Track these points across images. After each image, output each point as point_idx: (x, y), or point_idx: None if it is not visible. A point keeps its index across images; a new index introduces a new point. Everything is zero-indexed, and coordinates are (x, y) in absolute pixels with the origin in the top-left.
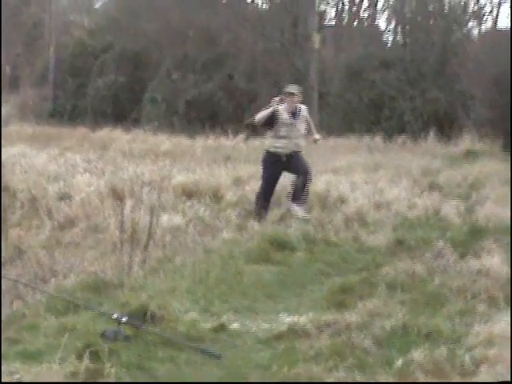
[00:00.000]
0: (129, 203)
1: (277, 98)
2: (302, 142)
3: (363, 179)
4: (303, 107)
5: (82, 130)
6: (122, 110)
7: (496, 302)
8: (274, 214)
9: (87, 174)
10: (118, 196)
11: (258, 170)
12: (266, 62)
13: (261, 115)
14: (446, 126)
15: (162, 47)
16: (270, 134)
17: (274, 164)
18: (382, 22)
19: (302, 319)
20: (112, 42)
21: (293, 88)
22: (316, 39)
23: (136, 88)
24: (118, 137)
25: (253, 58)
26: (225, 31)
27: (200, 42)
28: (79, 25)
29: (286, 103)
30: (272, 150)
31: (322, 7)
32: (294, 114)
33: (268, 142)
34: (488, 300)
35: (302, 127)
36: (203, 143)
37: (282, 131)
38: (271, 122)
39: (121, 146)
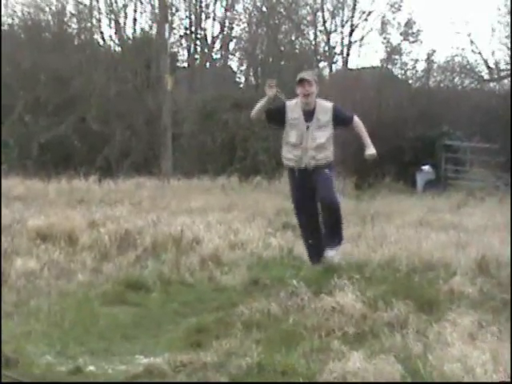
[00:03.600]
0: None
1: (273, 82)
2: (325, 155)
3: (218, 220)
4: (326, 105)
5: None
6: None
7: (349, 339)
8: (129, 255)
9: None
10: None
11: (111, 212)
12: (119, 104)
13: (255, 108)
14: None
15: (14, 90)
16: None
17: (293, 181)
18: (234, 63)
19: (159, 360)
20: None
21: (307, 74)
22: (168, 80)
23: None
24: None
25: (105, 100)
26: (77, 74)
27: (52, 84)
28: None
29: (298, 96)
30: (284, 161)
31: (175, 49)
32: (311, 113)
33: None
34: (342, 337)
35: (321, 134)
36: (57, 186)
37: (292, 137)
38: (279, 119)
39: None
